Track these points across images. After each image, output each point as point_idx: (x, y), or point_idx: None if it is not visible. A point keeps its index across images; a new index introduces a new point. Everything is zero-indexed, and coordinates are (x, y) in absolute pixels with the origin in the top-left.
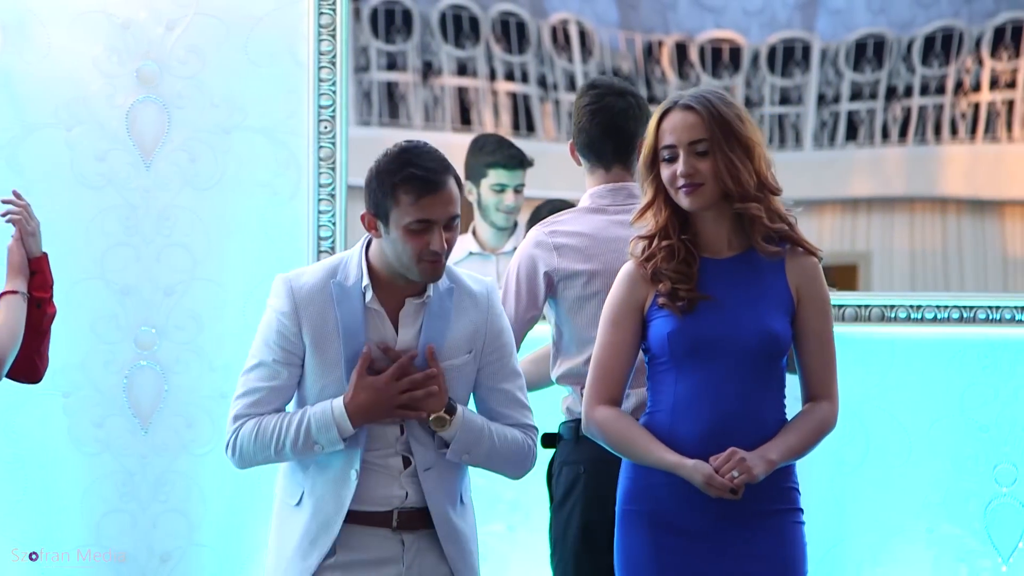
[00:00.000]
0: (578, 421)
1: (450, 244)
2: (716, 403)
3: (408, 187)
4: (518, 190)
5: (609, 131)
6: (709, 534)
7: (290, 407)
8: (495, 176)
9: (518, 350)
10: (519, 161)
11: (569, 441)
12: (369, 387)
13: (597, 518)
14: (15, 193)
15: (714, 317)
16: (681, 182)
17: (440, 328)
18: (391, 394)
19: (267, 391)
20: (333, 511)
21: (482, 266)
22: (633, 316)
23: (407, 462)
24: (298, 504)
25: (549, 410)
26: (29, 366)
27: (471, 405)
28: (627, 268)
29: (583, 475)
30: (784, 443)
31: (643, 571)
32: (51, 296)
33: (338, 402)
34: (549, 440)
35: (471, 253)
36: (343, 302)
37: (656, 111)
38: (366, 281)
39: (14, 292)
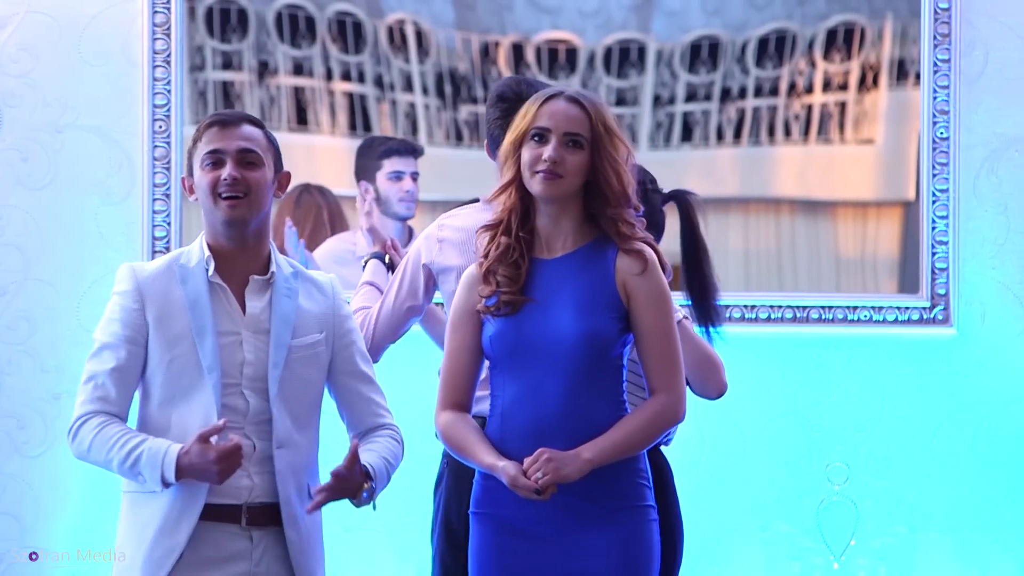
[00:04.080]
0: None
1: (252, 183)
2: (540, 405)
3: (204, 128)
4: (415, 177)
5: None
6: (553, 535)
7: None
8: (390, 165)
9: (397, 340)
10: (411, 148)
11: None
12: (201, 453)
13: (455, 514)
14: None
15: (534, 319)
16: (543, 167)
17: (290, 304)
18: (211, 468)
19: (107, 374)
20: (189, 498)
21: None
22: (471, 320)
23: (255, 448)
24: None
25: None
26: None
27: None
28: (468, 271)
29: (447, 469)
30: (605, 440)
31: (489, 574)
32: None
33: (175, 448)
34: None
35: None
36: (187, 280)
37: (537, 97)
38: (207, 253)
39: None
